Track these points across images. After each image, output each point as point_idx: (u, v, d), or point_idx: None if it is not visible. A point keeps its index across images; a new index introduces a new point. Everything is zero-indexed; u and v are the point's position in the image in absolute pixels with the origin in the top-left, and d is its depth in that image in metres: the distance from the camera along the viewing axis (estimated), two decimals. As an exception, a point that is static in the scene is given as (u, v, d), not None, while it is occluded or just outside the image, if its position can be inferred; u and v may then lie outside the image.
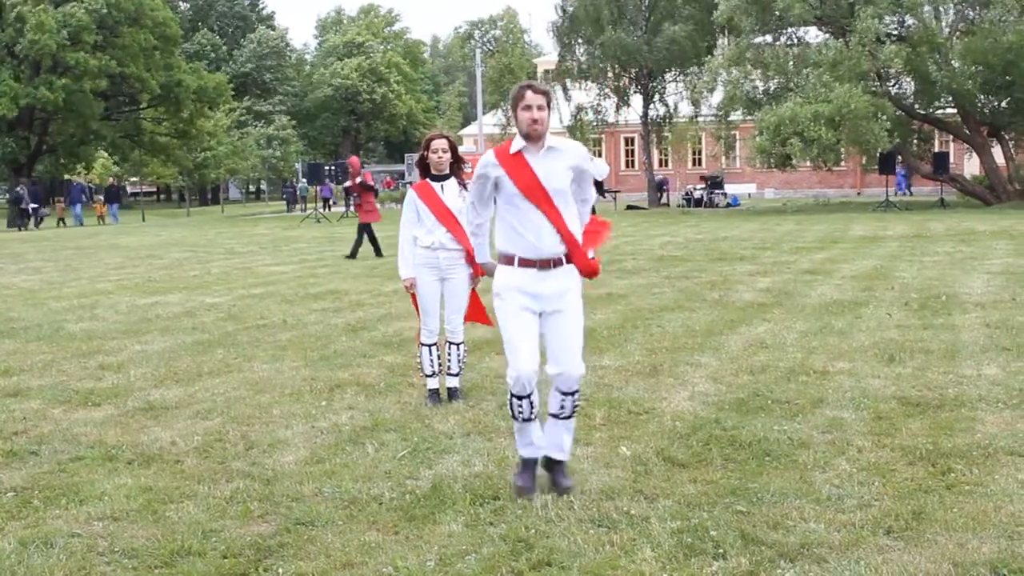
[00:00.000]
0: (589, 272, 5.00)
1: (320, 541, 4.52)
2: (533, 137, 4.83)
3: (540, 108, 4.78)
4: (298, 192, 54.55)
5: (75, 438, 6.41)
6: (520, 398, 4.94)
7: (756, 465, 5.46)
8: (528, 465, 5.10)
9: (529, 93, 4.79)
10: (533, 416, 5.01)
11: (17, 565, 4.31)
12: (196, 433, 6.45)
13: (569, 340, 4.93)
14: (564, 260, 4.92)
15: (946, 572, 4.02)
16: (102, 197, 45.59)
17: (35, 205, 42.57)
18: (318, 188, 49.88)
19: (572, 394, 5.02)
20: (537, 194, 4.81)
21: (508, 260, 4.92)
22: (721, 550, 4.29)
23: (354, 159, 22.21)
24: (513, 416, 5.04)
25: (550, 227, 4.85)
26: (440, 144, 7.03)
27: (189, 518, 4.85)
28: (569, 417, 5.07)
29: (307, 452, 5.97)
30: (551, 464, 5.11)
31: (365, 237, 20.19)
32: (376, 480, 5.38)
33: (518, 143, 4.89)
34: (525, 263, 4.87)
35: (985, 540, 4.31)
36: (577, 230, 4.94)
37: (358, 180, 20.73)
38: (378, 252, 20.00)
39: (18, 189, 43.97)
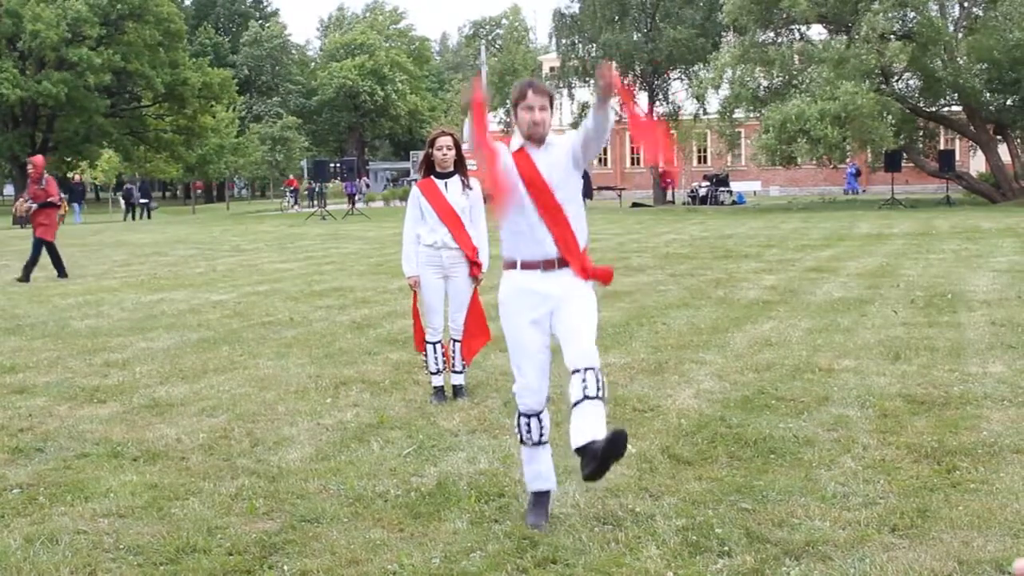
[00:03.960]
0: (591, 278, 4.64)
1: (325, 538, 4.53)
2: (534, 139, 4.60)
3: (542, 108, 4.54)
4: (316, 189, 54.45)
5: (80, 435, 6.42)
6: (528, 416, 4.60)
7: (761, 463, 5.46)
8: (540, 499, 4.71)
9: (530, 93, 4.54)
10: (543, 439, 4.64)
11: (23, 562, 4.32)
12: (201, 430, 6.46)
13: (579, 326, 4.50)
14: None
15: (951, 570, 4.02)
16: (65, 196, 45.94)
17: (144, 200, 48.26)
18: (344, 185, 49.86)
19: (592, 368, 4.38)
20: (540, 189, 4.57)
21: (511, 264, 4.67)
22: (726, 548, 4.29)
23: (37, 159, 17.60)
24: (521, 440, 4.67)
25: (553, 225, 4.58)
26: (445, 141, 7.02)
27: (194, 515, 4.86)
28: (597, 397, 4.35)
29: (312, 449, 5.98)
30: (585, 449, 4.34)
31: (58, 251, 17.00)
32: (381, 477, 5.38)
33: (518, 140, 4.65)
34: (528, 265, 4.61)
35: (990, 538, 4.31)
36: (580, 232, 4.65)
37: (39, 185, 16.69)
38: (61, 272, 16.82)
39: (128, 185, 50.61)
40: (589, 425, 4.31)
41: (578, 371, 4.39)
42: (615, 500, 4.92)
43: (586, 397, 4.34)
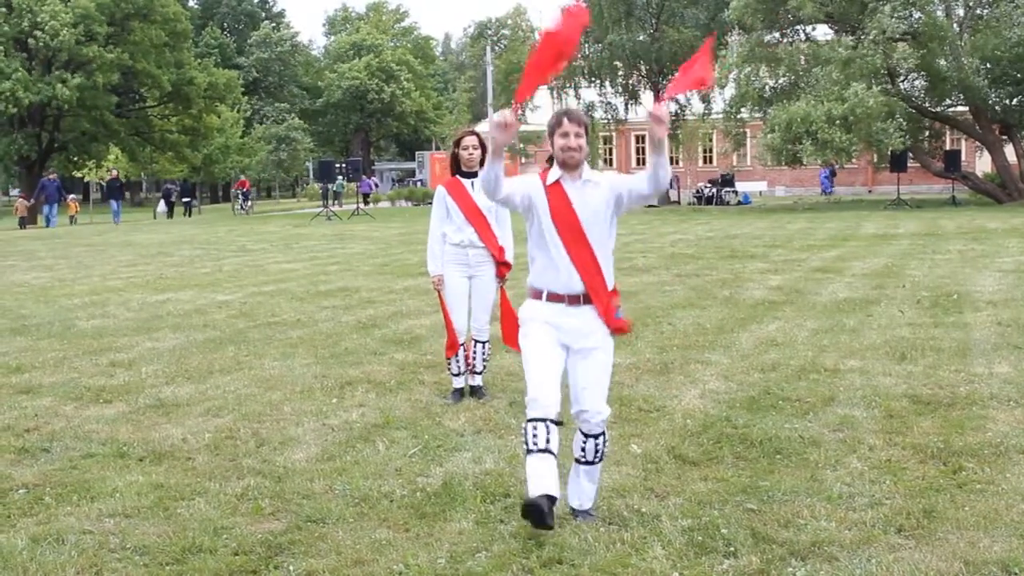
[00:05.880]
0: (611, 326, 4.74)
1: (331, 538, 4.53)
2: (569, 165, 4.70)
3: (577, 136, 4.65)
4: (332, 189, 54.34)
5: (86, 435, 6.43)
6: (536, 421, 4.53)
7: (767, 463, 5.46)
8: (542, 500, 4.46)
9: (566, 121, 4.67)
10: (549, 446, 4.50)
11: (29, 562, 4.33)
12: (207, 430, 6.46)
13: (593, 380, 4.71)
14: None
15: (957, 571, 4.01)
16: (79, 196, 45.65)
17: (186, 199, 50.34)
18: (356, 184, 49.75)
19: (596, 437, 4.71)
20: (571, 225, 4.67)
21: (536, 294, 4.77)
22: (732, 548, 4.29)
23: None
24: (527, 446, 4.53)
25: (581, 263, 4.67)
26: (471, 141, 7.03)
27: (200, 515, 4.87)
28: (592, 463, 4.74)
29: (318, 449, 5.98)
30: (575, 512, 4.78)
31: None
32: (387, 478, 5.39)
33: (555, 172, 4.75)
34: (553, 298, 4.70)
35: (996, 539, 4.30)
36: (608, 273, 4.73)
37: None
38: None
39: (167, 186, 53.25)
40: (576, 490, 4.82)
41: (584, 436, 4.74)
42: (621, 500, 4.93)
43: (582, 460, 4.77)
